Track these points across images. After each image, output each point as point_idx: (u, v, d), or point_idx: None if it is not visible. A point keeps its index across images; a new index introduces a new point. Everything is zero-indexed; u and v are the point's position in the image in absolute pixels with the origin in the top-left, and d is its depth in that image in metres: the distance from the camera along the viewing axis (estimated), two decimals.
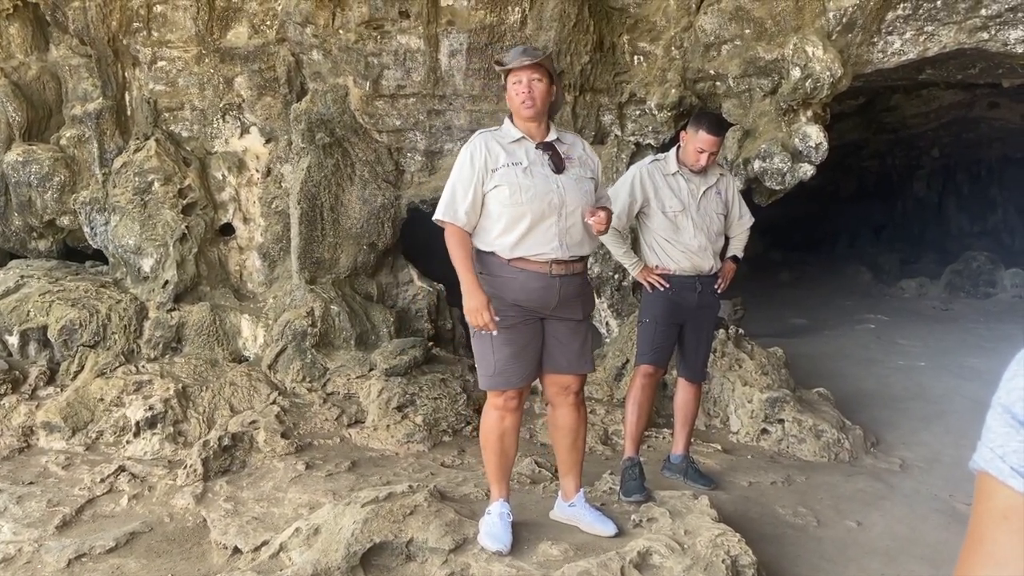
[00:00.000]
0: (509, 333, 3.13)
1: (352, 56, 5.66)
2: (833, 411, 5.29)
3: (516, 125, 3.22)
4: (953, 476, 4.55)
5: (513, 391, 3.20)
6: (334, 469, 4.39)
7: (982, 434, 0.87)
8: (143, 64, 6.00)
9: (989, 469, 0.84)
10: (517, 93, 3.14)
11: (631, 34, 5.77)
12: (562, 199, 3.12)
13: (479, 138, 3.20)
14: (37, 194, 6.12)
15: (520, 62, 3.11)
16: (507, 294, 3.13)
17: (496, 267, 3.16)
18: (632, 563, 2.93)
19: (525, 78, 3.12)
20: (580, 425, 3.40)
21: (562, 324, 3.24)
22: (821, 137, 5.32)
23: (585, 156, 3.33)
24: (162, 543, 3.63)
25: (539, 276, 3.13)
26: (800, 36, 5.22)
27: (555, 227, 3.12)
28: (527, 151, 3.17)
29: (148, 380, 5.16)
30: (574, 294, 3.23)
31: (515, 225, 3.09)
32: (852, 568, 3.40)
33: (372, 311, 5.92)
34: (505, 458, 3.30)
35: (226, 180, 6.09)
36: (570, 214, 3.14)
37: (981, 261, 12.57)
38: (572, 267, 3.20)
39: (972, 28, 5.13)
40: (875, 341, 8.68)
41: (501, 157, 3.13)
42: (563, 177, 3.16)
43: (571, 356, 3.27)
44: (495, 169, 3.11)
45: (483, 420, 3.32)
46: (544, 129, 3.24)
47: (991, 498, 0.84)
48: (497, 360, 3.15)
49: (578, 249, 3.21)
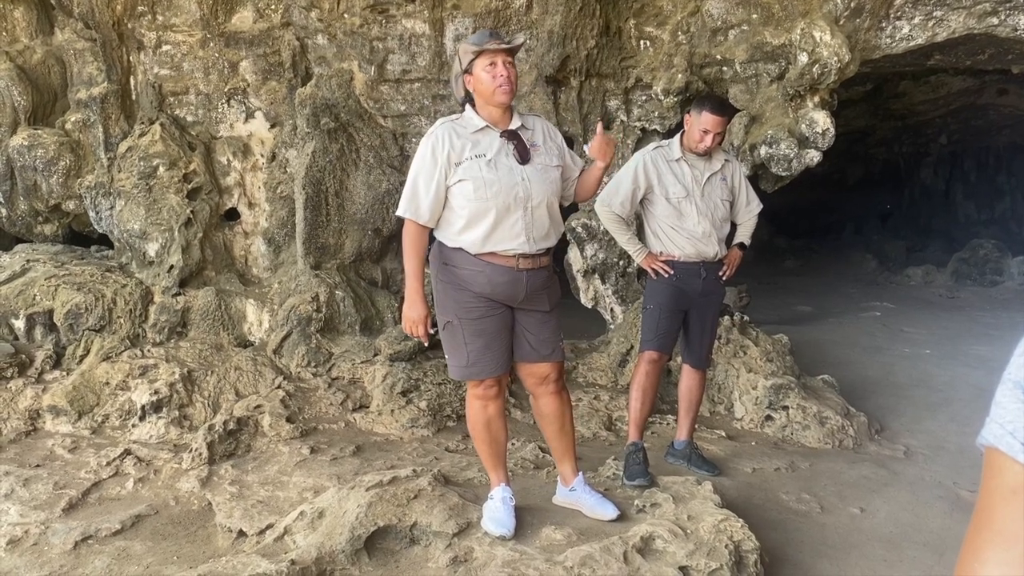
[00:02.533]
0: (479, 324, 3.08)
1: (357, 41, 5.64)
2: (837, 398, 5.29)
3: (479, 113, 3.08)
4: (957, 463, 4.55)
5: (491, 379, 3.16)
6: (339, 453, 4.41)
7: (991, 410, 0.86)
8: (148, 48, 5.98)
9: (999, 445, 0.83)
10: (493, 77, 2.98)
11: (637, 19, 5.73)
12: (528, 192, 3.03)
13: (440, 128, 3.06)
14: (42, 178, 6.12)
15: (498, 44, 2.99)
16: (474, 287, 3.06)
17: (462, 260, 3.07)
18: (635, 548, 2.93)
19: (501, 61, 3.00)
20: (564, 411, 3.35)
21: (531, 315, 3.19)
22: (828, 123, 5.29)
23: (548, 140, 3.21)
24: (168, 526, 3.66)
25: (506, 270, 3.05)
26: (807, 21, 5.18)
27: (521, 221, 3.03)
28: (491, 141, 3.05)
29: (153, 364, 5.18)
30: (540, 287, 3.16)
31: (480, 220, 3.00)
32: (855, 554, 3.41)
33: (377, 297, 5.92)
34: (497, 444, 3.28)
35: (231, 165, 6.08)
36: (536, 207, 3.05)
37: (988, 249, 12.52)
38: (539, 260, 3.13)
39: (982, 13, 5.08)
40: (880, 329, 8.66)
41: (465, 149, 3.01)
42: (528, 168, 3.05)
43: (541, 345, 3.22)
44: (458, 163, 3.00)
45: (468, 412, 3.29)
46: (508, 116, 3.11)
47: (1000, 474, 0.83)
48: (470, 352, 3.10)
49: (544, 242, 3.13)
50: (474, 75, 3.04)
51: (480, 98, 3.08)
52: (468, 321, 3.07)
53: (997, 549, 0.82)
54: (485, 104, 3.07)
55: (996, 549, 0.82)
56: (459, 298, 3.07)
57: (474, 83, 3.06)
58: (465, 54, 3.05)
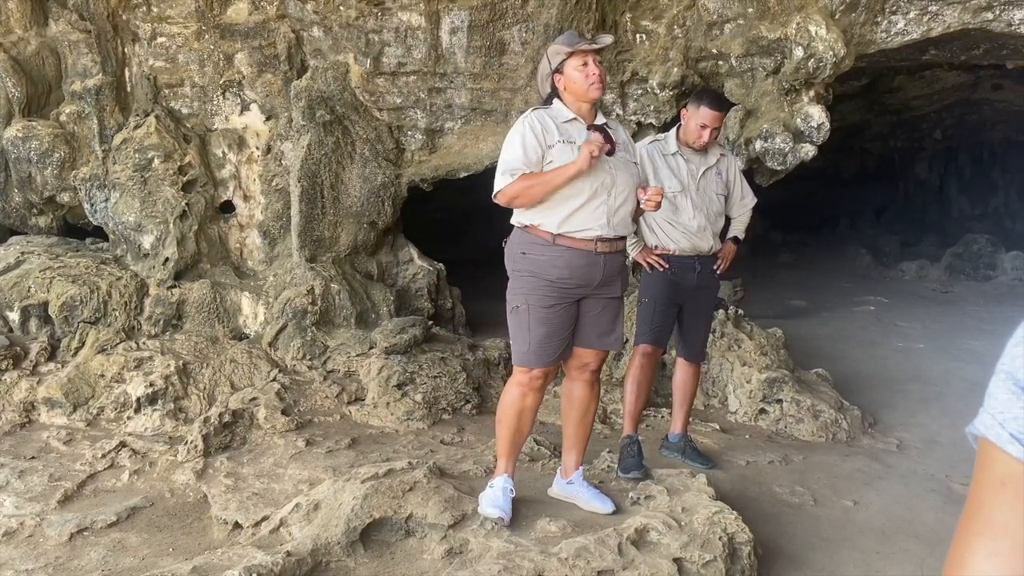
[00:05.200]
0: (547, 313, 3.20)
1: (353, 33, 5.63)
2: (831, 392, 5.31)
3: (568, 106, 3.25)
4: (950, 457, 4.57)
5: (540, 371, 3.26)
6: (334, 446, 4.41)
7: (984, 400, 0.87)
8: (143, 40, 5.96)
9: (988, 435, 0.84)
10: (586, 76, 3.19)
11: (633, 12, 5.72)
12: (613, 180, 3.21)
13: (534, 114, 3.25)
14: (37, 170, 6.10)
15: (589, 45, 3.18)
16: (551, 272, 3.17)
17: (539, 247, 3.20)
18: (629, 539, 2.95)
19: (592, 60, 3.20)
20: (591, 402, 3.47)
21: (598, 301, 3.31)
22: (823, 117, 5.30)
23: (627, 141, 3.44)
24: (163, 518, 3.66)
25: (584, 253, 3.19)
26: (803, 15, 5.19)
27: (604, 206, 3.20)
28: (580, 131, 3.23)
29: (149, 357, 5.17)
30: (616, 271, 3.32)
31: (567, 201, 3.15)
32: (848, 546, 3.43)
33: (372, 290, 5.92)
34: (519, 435, 3.36)
35: (226, 157, 6.07)
36: (619, 194, 3.23)
37: (982, 244, 12.55)
38: (615, 245, 3.29)
39: (976, 8, 5.09)
40: (874, 323, 8.69)
41: (556, 134, 3.19)
42: (614, 159, 3.24)
43: (600, 332, 3.35)
44: (551, 145, 3.17)
45: (504, 395, 3.37)
46: (594, 112, 3.31)
47: (991, 465, 0.84)
48: (532, 338, 3.22)
49: (622, 229, 3.30)
50: (565, 74, 3.23)
51: (571, 95, 3.25)
52: (537, 308, 3.19)
53: (985, 539, 0.82)
54: (576, 100, 3.25)
55: (984, 539, 0.83)
56: (533, 285, 3.19)
57: (565, 81, 3.24)
58: (556, 55, 3.24)
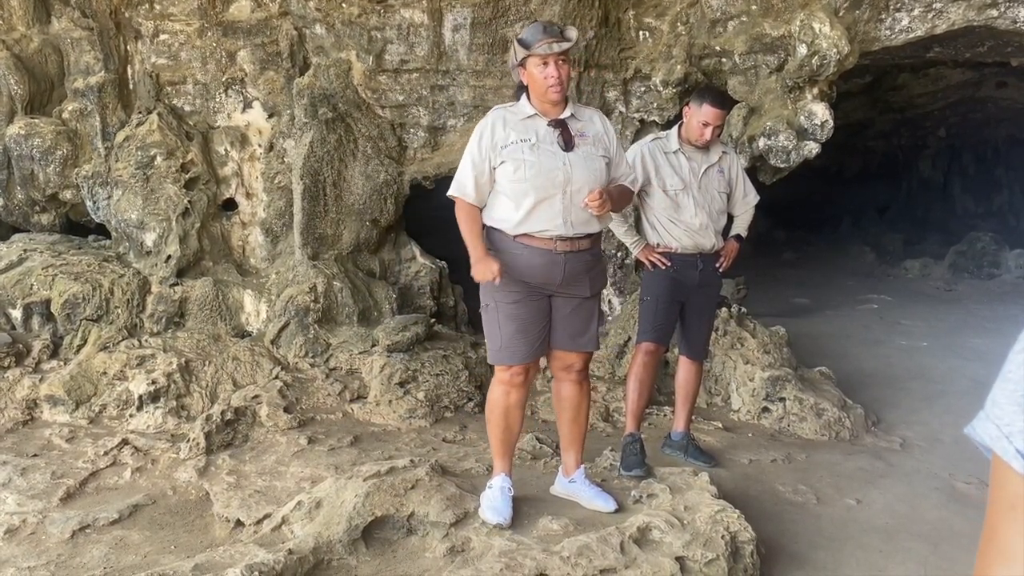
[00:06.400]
0: (514, 308, 3.17)
1: (355, 30, 5.62)
2: (834, 390, 5.30)
3: (532, 103, 3.20)
4: (953, 456, 4.56)
5: (519, 367, 3.23)
6: (336, 444, 4.41)
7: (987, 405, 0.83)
8: (145, 37, 5.96)
9: (994, 448, 0.80)
10: (545, 77, 3.10)
11: (637, 9, 5.71)
12: (568, 176, 3.13)
13: (493, 114, 3.22)
14: (39, 168, 6.10)
15: (550, 48, 3.06)
16: (512, 270, 3.15)
17: (502, 243, 3.19)
18: (632, 538, 2.94)
19: (552, 61, 3.10)
20: (582, 400, 3.43)
21: (567, 301, 3.27)
22: (827, 115, 5.28)
23: (602, 133, 3.30)
24: (165, 515, 3.66)
25: (543, 252, 3.15)
26: (807, 12, 5.17)
27: (559, 204, 3.13)
28: (538, 128, 3.17)
29: (151, 354, 5.17)
30: (581, 271, 3.24)
31: (520, 201, 3.12)
32: (851, 545, 3.42)
33: (374, 287, 5.91)
34: (509, 433, 3.33)
35: (228, 155, 6.07)
36: (576, 192, 3.14)
37: (986, 242, 12.50)
38: (578, 244, 3.21)
39: (981, 5, 5.07)
40: (878, 321, 8.66)
41: (512, 134, 3.14)
42: (572, 154, 3.16)
43: (573, 333, 3.29)
44: (504, 146, 3.14)
45: (489, 395, 3.35)
46: (561, 107, 3.22)
47: (1003, 485, 0.80)
48: (503, 335, 3.20)
49: (584, 227, 3.21)
50: (527, 71, 3.17)
51: (533, 92, 3.20)
52: (504, 305, 3.18)
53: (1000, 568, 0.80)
54: (541, 100, 3.19)
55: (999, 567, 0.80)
56: (499, 282, 3.14)
57: (527, 78, 3.18)
58: (518, 50, 3.15)
